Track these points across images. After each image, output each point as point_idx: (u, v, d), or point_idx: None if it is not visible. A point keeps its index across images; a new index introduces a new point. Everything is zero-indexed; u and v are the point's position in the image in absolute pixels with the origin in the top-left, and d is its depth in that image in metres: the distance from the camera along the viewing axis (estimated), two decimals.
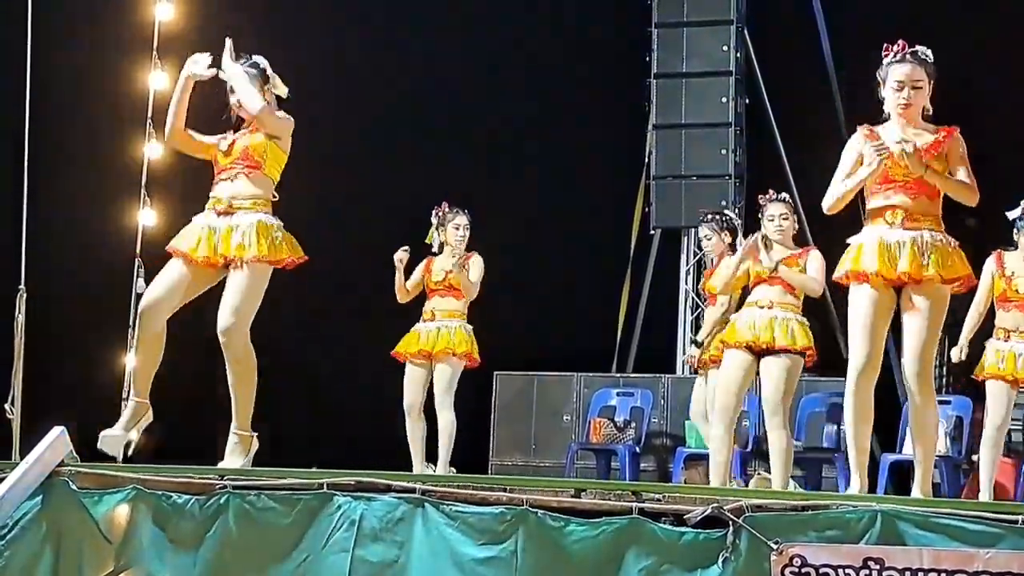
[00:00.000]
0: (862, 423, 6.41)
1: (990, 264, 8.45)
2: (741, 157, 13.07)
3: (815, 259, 8.05)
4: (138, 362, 7.06)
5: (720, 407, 8.10)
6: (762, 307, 8.02)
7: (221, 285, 6.94)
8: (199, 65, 7.01)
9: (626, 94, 13.71)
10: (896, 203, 6.30)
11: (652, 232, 13.60)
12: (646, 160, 13.62)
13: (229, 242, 6.87)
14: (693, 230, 13.54)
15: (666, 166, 13.29)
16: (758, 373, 8.05)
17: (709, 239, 9.43)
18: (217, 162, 7.05)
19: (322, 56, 11.81)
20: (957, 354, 8.72)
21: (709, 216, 9.52)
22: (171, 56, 10.50)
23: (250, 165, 6.98)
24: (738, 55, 13.16)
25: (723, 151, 13.02)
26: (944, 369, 12.21)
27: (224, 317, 6.87)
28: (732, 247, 9.15)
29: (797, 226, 8.26)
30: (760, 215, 8.33)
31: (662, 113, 13.34)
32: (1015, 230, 8.47)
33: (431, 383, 9.44)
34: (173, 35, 10.60)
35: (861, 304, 6.35)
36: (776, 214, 8.19)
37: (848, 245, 6.48)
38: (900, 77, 6.32)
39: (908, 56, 6.34)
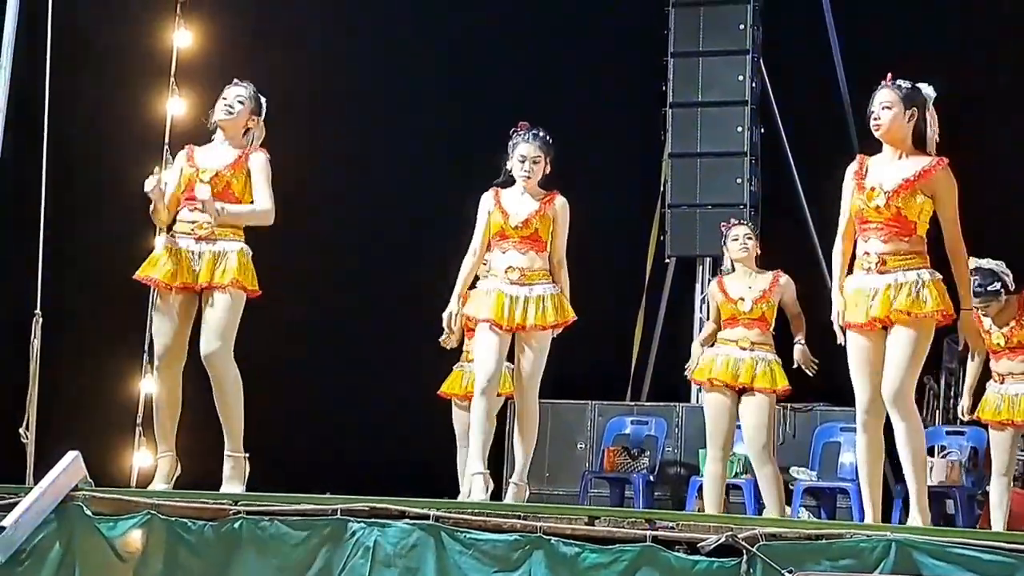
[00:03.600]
0: (875, 460, 6.59)
1: None
2: (756, 186, 13.05)
3: (790, 289, 8.39)
4: (162, 418, 7.13)
5: (712, 443, 8.31)
6: (743, 348, 8.26)
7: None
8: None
9: (642, 123, 13.70)
10: (871, 248, 6.40)
11: (667, 261, 13.57)
12: (661, 189, 13.62)
13: (211, 267, 6.97)
14: (709, 259, 13.54)
15: (681, 195, 13.27)
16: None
17: (536, 161, 7.69)
18: (192, 185, 7.12)
19: (338, 83, 11.83)
20: (961, 410, 8.93)
21: (536, 133, 7.78)
22: (189, 83, 10.56)
23: (228, 200, 7.09)
24: (753, 85, 13.16)
25: (738, 180, 13.00)
26: (959, 399, 12.16)
27: (209, 341, 6.96)
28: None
29: (759, 250, 8.57)
30: (723, 241, 8.64)
31: (678, 142, 13.33)
32: None
33: None
34: (191, 62, 10.65)
35: (853, 351, 6.57)
36: (740, 235, 8.52)
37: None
38: (873, 104, 6.56)
39: (880, 86, 6.57)
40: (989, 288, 8.45)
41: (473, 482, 7.32)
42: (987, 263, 8.50)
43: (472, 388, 9.21)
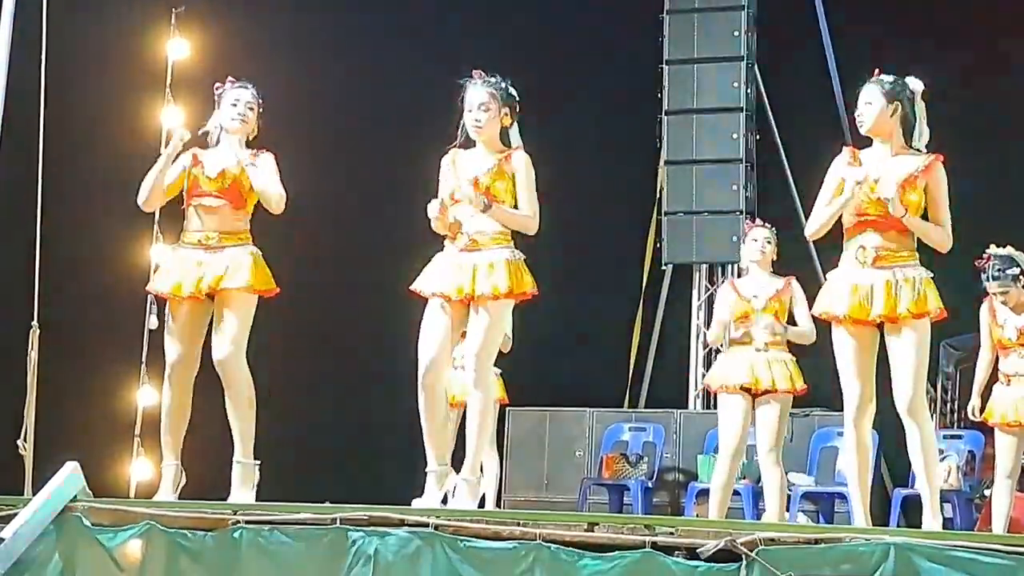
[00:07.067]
0: (864, 461, 6.53)
1: (984, 313, 8.43)
2: (752, 192, 13.09)
3: (801, 301, 8.26)
4: (170, 427, 7.06)
5: (726, 450, 8.25)
6: (758, 350, 8.19)
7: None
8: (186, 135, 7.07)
9: (637, 130, 13.72)
10: (867, 242, 6.36)
11: (664, 268, 13.60)
12: (657, 196, 13.64)
13: (217, 274, 6.89)
14: (705, 266, 13.57)
15: (678, 202, 13.30)
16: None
17: (485, 108, 7.06)
18: (198, 184, 7.04)
19: (335, 93, 11.83)
20: (971, 410, 8.80)
21: (486, 80, 7.28)
22: (184, 93, 10.56)
23: (235, 202, 7.00)
24: (748, 91, 13.19)
25: (734, 186, 13.03)
26: (956, 404, 12.19)
27: (222, 347, 6.89)
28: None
29: (776, 256, 8.52)
30: (743, 239, 8.57)
31: (673, 149, 13.36)
32: (984, 278, 8.42)
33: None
34: (186, 72, 10.65)
35: (843, 347, 6.49)
36: (760, 237, 8.49)
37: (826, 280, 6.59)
38: (857, 100, 6.52)
39: (866, 81, 6.54)
40: (1007, 271, 8.33)
41: (427, 480, 6.72)
42: (1005, 250, 8.38)
43: (461, 397, 9.14)
